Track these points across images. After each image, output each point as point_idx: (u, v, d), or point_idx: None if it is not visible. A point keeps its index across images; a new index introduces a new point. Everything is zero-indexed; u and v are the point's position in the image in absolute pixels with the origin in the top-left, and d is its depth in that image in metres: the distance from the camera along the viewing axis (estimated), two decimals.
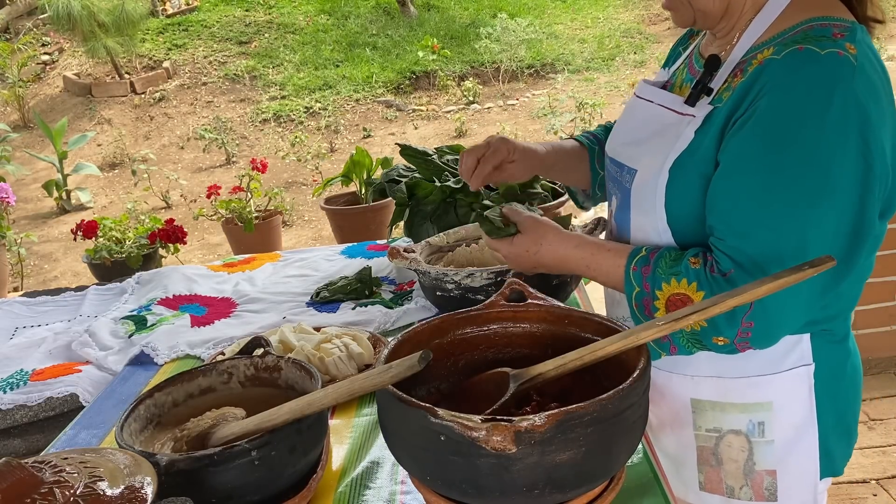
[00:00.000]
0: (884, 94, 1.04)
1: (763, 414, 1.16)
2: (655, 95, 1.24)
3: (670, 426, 1.25)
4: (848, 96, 0.99)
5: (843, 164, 1.00)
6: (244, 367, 1.16)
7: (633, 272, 1.11)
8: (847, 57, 1.01)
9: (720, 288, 1.02)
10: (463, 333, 1.07)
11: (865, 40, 1.05)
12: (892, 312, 3.26)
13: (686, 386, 1.21)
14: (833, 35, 1.02)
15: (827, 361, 1.16)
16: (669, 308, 1.08)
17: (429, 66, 9.49)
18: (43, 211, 7.34)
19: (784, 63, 1.03)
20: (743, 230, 1.03)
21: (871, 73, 1.03)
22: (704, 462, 1.22)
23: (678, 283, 1.06)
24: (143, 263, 3.88)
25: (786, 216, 1.01)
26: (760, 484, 1.19)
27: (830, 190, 1.00)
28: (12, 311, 2.06)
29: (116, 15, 9.09)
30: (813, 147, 1.00)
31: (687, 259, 1.07)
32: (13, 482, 0.75)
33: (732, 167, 1.05)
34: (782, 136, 1.01)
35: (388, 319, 1.67)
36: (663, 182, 1.13)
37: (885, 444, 2.75)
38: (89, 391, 1.58)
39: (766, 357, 1.14)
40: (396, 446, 0.92)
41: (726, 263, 1.03)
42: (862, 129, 1.00)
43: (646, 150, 1.19)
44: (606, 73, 9.28)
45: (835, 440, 1.20)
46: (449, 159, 2.06)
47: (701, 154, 1.09)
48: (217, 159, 8.15)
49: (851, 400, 1.23)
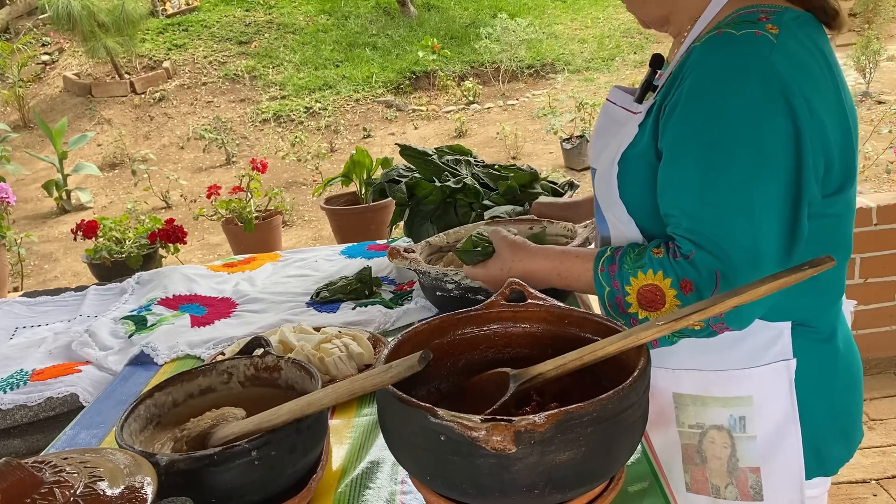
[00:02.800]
0: (820, 74, 1.06)
1: (744, 408, 1.17)
2: (618, 97, 1.29)
3: (656, 425, 1.25)
4: (766, 70, 1.02)
5: (772, 134, 1.02)
6: (244, 367, 1.16)
7: (601, 273, 1.14)
8: (765, 35, 1.03)
9: (685, 271, 1.05)
10: (463, 333, 1.07)
11: (799, 23, 1.07)
12: (892, 312, 3.26)
13: (668, 380, 1.22)
14: (757, 19, 1.06)
15: (812, 359, 1.17)
16: (641, 301, 1.10)
17: (429, 66, 9.50)
18: (43, 211, 7.35)
19: (703, 46, 1.07)
20: (692, 212, 1.06)
21: (799, 51, 1.05)
22: (689, 461, 1.23)
23: (644, 274, 1.09)
24: (143, 263, 3.88)
25: (729, 191, 1.04)
26: (745, 482, 1.19)
27: (765, 158, 1.02)
28: (12, 311, 2.06)
29: (116, 15, 9.10)
30: (738, 121, 1.03)
31: (650, 251, 1.10)
32: (13, 482, 0.75)
33: (671, 153, 1.09)
34: (707, 116, 1.05)
35: (388, 319, 1.67)
36: (615, 175, 1.17)
37: (885, 444, 2.75)
38: (89, 391, 1.58)
39: (746, 350, 1.16)
40: (396, 446, 0.92)
41: (687, 246, 1.06)
42: (785, 95, 1.01)
43: (602, 148, 1.24)
44: (606, 73, 9.29)
45: (828, 441, 1.21)
46: (449, 159, 2.06)
47: (643, 145, 1.14)
48: (217, 159, 8.15)
49: (849, 400, 1.24)
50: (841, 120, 1.09)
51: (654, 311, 1.09)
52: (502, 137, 7.48)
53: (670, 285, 1.06)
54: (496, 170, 2.08)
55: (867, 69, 7.30)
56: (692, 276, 1.04)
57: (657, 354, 1.22)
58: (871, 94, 7.35)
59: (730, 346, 1.16)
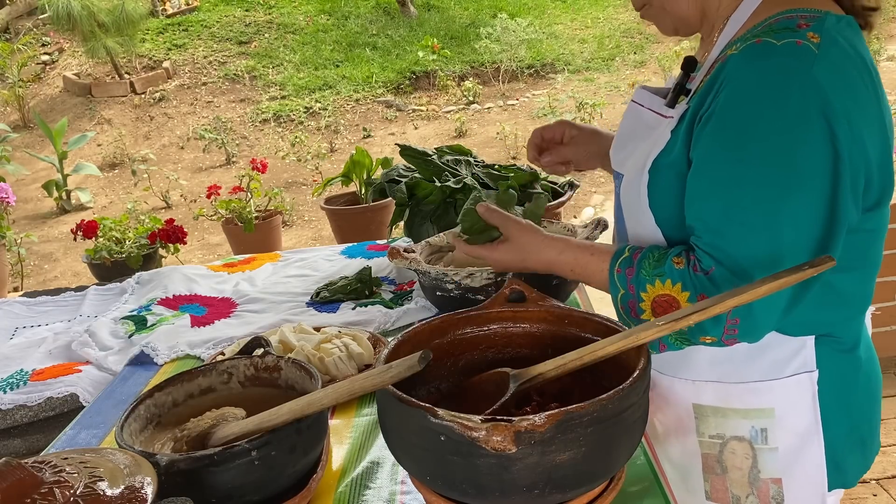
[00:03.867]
0: (861, 84, 1.02)
1: (765, 420, 1.15)
2: (645, 99, 1.23)
3: (675, 433, 1.24)
4: (806, 84, 0.98)
5: (808, 153, 0.98)
6: (244, 367, 1.16)
7: (616, 274, 1.10)
8: (807, 45, 0.99)
9: (703, 287, 1.02)
10: (463, 333, 1.07)
11: (839, 29, 1.02)
12: (892, 312, 3.26)
13: (688, 390, 1.20)
14: (797, 26, 1.01)
15: (835, 370, 1.14)
16: (655, 310, 1.06)
17: (429, 66, 9.50)
18: (43, 211, 7.35)
19: (741, 56, 1.02)
20: (716, 227, 1.03)
21: (841, 60, 1.01)
22: (709, 470, 1.21)
23: (662, 284, 1.05)
24: (143, 263, 3.88)
25: (756, 210, 1.00)
26: (766, 493, 1.17)
27: (798, 180, 0.99)
28: (12, 311, 2.06)
29: (116, 15, 9.09)
30: (774, 138, 0.99)
31: (670, 259, 1.06)
32: (13, 482, 0.75)
33: (701, 165, 1.05)
34: (742, 130, 1.01)
35: (388, 319, 1.67)
36: (645, 183, 1.13)
37: (886, 444, 2.75)
38: (89, 391, 1.58)
39: (767, 362, 1.13)
40: (396, 446, 0.92)
41: (707, 262, 1.03)
42: (826, 115, 0.98)
43: (630, 153, 1.20)
44: (606, 73, 9.29)
45: (847, 451, 1.18)
46: (449, 159, 2.06)
47: (675, 153, 1.10)
48: (217, 159, 8.15)
49: (866, 411, 1.21)
50: (881, 133, 1.05)
51: None
52: (502, 137, 7.48)
53: (687, 299, 1.03)
54: (496, 170, 2.08)
55: None
56: (710, 292, 1.01)
57: (677, 365, 1.19)
58: None
59: (751, 357, 1.13)
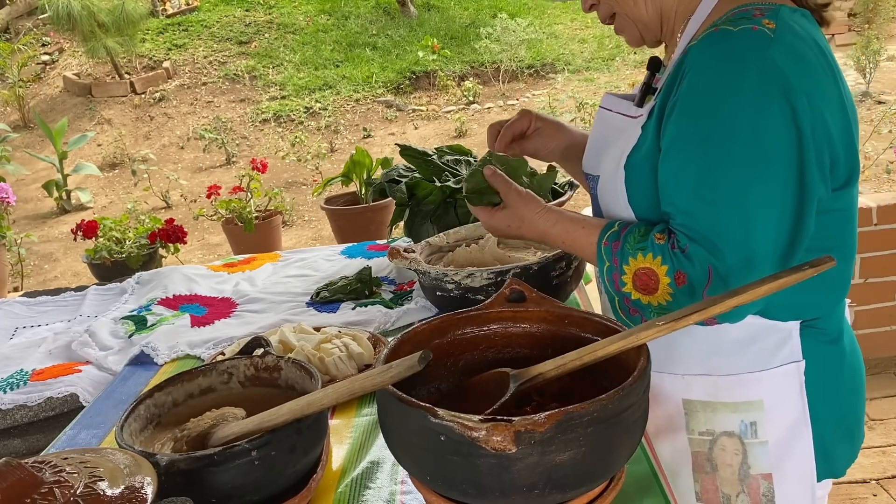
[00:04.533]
0: (819, 66, 1.06)
1: (755, 413, 1.17)
2: (613, 104, 1.28)
3: (664, 432, 1.24)
4: (764, 64, 1.01)
5: (771, 130, 1.01)
6: (244, 367, 1.16)
7: (604, 247, 1.14)
8: (762, 31, 1.03)
9: (680, 263, 1.05)
10: (463, 333, 1.07)
11: (794, 18, 1.07)
12: (891, 312, 3.26)
13: (677, 386, 1.21)
14: (753, 15, 1.06)
15: (820, 361, 1.17)
16: (636, 282, 1.10)
17: (429, 66, 9.49)
18: (43, 211, 7.35)
19: (700, 44, 1.07)
20: (686, 208, 1.06)
21: (797, 44, 1.04)
22: (699, 469, 1.22)
23: (644, 257, 1.09)
24: (144, 263, 3.88)
25: (723, 187, 1.03)
26: (757, 490, 1.18)
27: (763, 157, 1.02)
28: (12, 311, 2.06)
29: (116, 15, 9.09)
30: (736, 117, 1.02)
31: (653, 234, 1.10)
32: (13, 482, 0.75)
33: (669, 151, 1.09)
34: (704, 112, 1.04)
35: (388, 319, 1.67)
36: (622, 180, 1.17)
37: (885, 444, 2.76)
38: (89, 391, 1.58)
39: (755, 353, 1.16)
40: (396, 446, 0.92)
41: (683, 239, 1.06)
42: (785, 93, 1.01)
43: (604, 155, 1.23)
44: (606, 73, 9.28)
45: (835, 441, 1.20)
46: (449, 159, 2.06)
47: (647, 147, 1.14)
48: (217, 159, 8.15)
49: (853, 401, 1.23)
50: (842, 113, 1.09)
51: (647, 294, 1.08)
52: None
53: (666, 272, 1.06)
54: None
55: (867, 69, 7.29)
56: (686, 268, 1.04)
57: (665, 360, 1.21)
58: (871, 94, 7.34)
59: (739, 349, 1.16)
